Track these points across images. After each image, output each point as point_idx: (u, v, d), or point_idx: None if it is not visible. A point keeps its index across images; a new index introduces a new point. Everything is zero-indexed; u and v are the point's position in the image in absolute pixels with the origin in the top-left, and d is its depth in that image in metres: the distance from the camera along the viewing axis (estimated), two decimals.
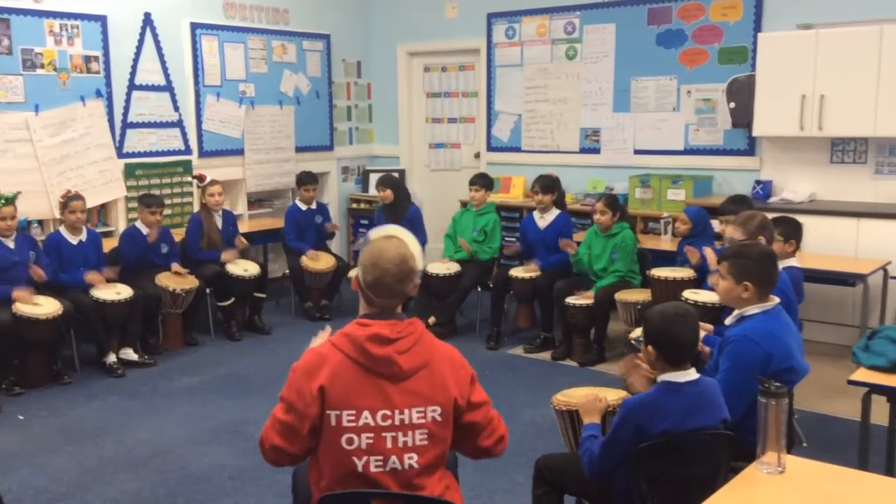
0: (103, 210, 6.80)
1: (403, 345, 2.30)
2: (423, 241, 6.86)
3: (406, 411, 2.28)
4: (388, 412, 2.27)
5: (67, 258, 5.67)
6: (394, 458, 2.28)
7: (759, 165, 6.68)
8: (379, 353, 2.27)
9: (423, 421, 2.30)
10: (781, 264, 3.65)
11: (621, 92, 7.32)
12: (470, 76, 8.45)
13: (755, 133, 6.41)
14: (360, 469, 2.27)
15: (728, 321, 3.21)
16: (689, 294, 4.90)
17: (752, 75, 6.39)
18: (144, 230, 6.09)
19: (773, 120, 6.22)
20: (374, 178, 8.56)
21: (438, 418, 2.31)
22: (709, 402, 2.67)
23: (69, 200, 5.67)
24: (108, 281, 5.75)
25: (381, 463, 2.28)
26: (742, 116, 6.50)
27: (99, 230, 6.38)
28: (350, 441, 2.26)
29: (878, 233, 5.72)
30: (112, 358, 5.66)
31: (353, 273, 2.39)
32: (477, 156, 8.41)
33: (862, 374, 3.28)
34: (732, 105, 6.56)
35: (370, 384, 2.27)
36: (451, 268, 6.43)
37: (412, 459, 2.29)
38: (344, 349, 2.30)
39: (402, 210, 6.80)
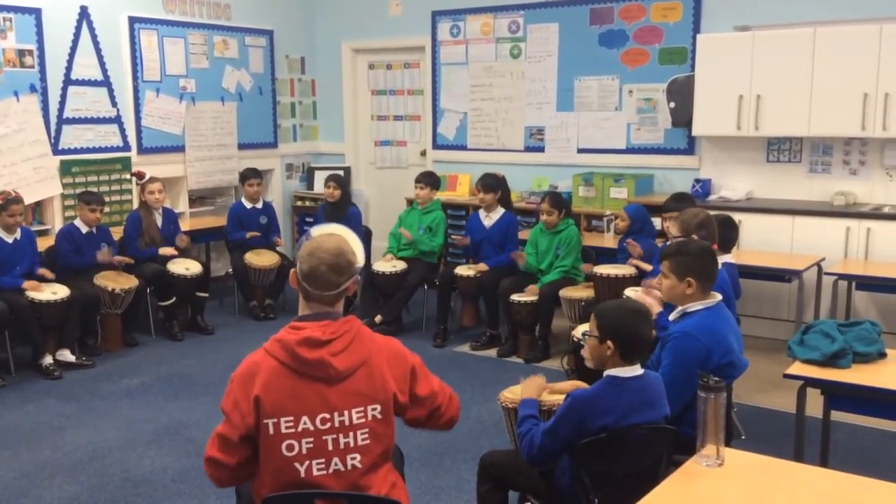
0: (38, 208, 6.61)
1: (337, 346, 2.27)
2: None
3: (346, 412, 2.26)
4: (327, 415, 2.25)
5: (3, 258, 5.50)
6: (336, 459, 2.26)
7: (698, 164, 6.82)
8: (311, 357, 2.25)
9: (364, 420, 2.28)
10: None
11: (565, 91, 7.39)
12: (415, 74, 8.44)
13: (694, 132, 6.54)
14: (302, 475, 2.25)
15: (672, 317, 3.26)
16: (630, 292, 4.96)
17: (691, 76, 6.52)
18: (83, 228, 5.95)
19: (711, 120, 6.35)
20: (318, 175, 8.50)
21: (379, 416, 2.30)
22: (651, 399, 2.72)
23: (8, 203, 5.49)
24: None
25: (323, 466, 2.26)
26: (682, 116, 6.62)
27: (34, 228, 6.21)
28: (290, 447, 2.24)
29: (813, 230, 5.89)
30: (48, 360, 5.51)
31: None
32: (423, 153, 8.40)
33: (797, 368, 3.37)
34: (672, 105, 6.68)
35: (306, 388, 2.25)
36: (397, 266, 6.42)
37: (355, 460, 2.28)
38: (277, 355, 2.28)
39: (344, 210, 6.80)
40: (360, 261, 2.39)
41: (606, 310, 2.77)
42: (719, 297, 3.22)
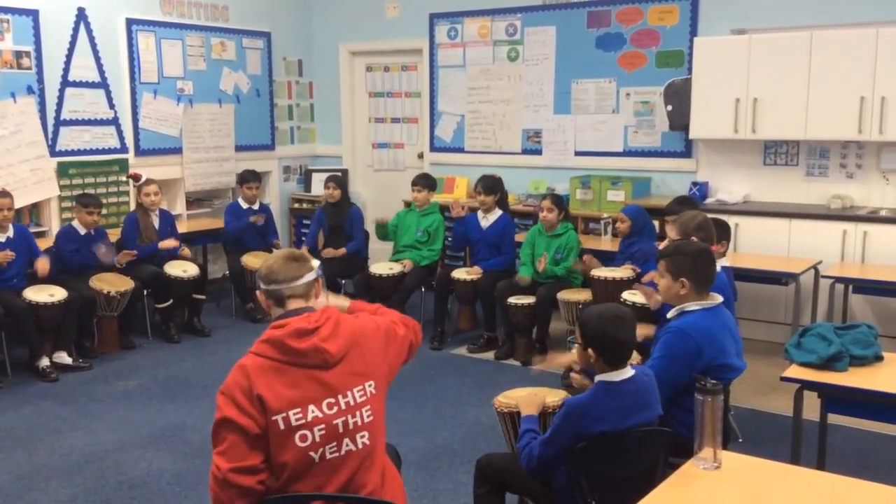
0: (35, 210, 6.60)
1: (325, 332, 2.33)
2: (359, 240, 6.85)
3: (349, 393, 2.32)
4: (333, 399, 2.30)
5: None
6: (347, 440, 2.31)
7: (695, 167, 6.83)
8: (304, 346, 2.29)
9: (366, 397, 2.35)
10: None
11: (562, 94, 7.40)
12: (413, 76, 8.44)
13: (692, 135, 6.54)
14: (317, 461, 2.29)
15: (670, 315, 3.26)
16: (628, 295, 4.97)
17: (688, 79, 6.52)
18: (81, 230, 5.94)
19: (708, 123, 6.36)
20: (316, 177, 8.49)
21: (374, 391, 2.38)
22: (645, 400, 2.72)
23: None
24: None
25: (335, 449, 2.30)
26: (679, 119, 6.63)
27: (31, 230, 6.18)
28: (304, 438, 2.27)
29: (809, 233, 5.90)
30: (45, 362, 5.50)
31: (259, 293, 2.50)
32: (420, 156, 8.41)
33: (794, 371, 3.37)
34: (669, 108, 6.69)
35: (304, 378, 2.28)
36: (394, 268, 6.42)
37: (364, 437, 2.34)
38: (267, 354, 2.30)
39: (345, 210, 6.83)
40: (315, 261, 2.52)
41: (587, 317, 2.77)
42: (720, 298, 3.22)
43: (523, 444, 2.79)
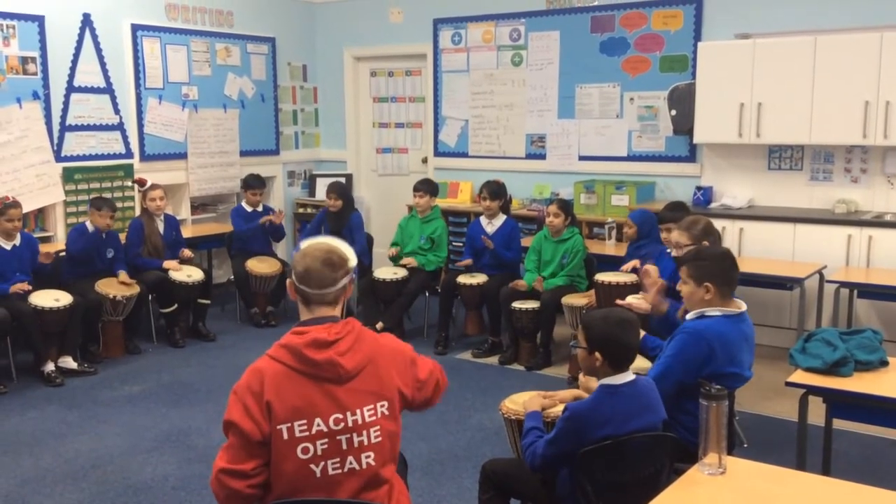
0: (41, 215, 6.63)
1: (343, 346, 2.29)
2: (361, 245, 6.83)
3: (357, 411, 2.28)
4: (340, 415, 2.26)
5: (1, 265, 5.49)
6: (351, 458, 2.28)
7: (699, 172, 6.82)
8: (320, 358, 2.26)
9: (375, 418, 2.31)
10: None
11: (566, 98, 7.41)
12: (417, 81, 8.45)
13: (696, 140, 6.54)
14: (318, 475, 2.26)
15: (689, 316, 3.24)
16: (633, 299, 4.95)
17: (692, 83, 6.53)
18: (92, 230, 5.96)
19: (712, 127, 6.36)
20: (320, 182, 8.51)
21: (387, 413, 2.33)
22: (647, 403, 2.72)
23: (6, 208, 5.49)
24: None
25: (338, 465, 2.27)
26: (683, 123, 6.63)
27: (36, 235, 6.21)
28: (306, 450, 2.24)
29: (814, 237, 5.89)
30: (50, 367, 5.51)
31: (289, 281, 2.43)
32: (424, 161, 8.42)
33: (799, 376, 3.37)
34: (674, 112, 6.69)
35: (316, 390, 2.26)
36: (399, 273, 6.42)
37: (370, 458, 2.30)
38: (283, 360, 2.28)
39: (346, 218, 6.80)
40: (353, 260, 2.44)
41: (593, 321, 2.77)
42: (743, 307, 3.20)
43: (528, 441, 2.79)
